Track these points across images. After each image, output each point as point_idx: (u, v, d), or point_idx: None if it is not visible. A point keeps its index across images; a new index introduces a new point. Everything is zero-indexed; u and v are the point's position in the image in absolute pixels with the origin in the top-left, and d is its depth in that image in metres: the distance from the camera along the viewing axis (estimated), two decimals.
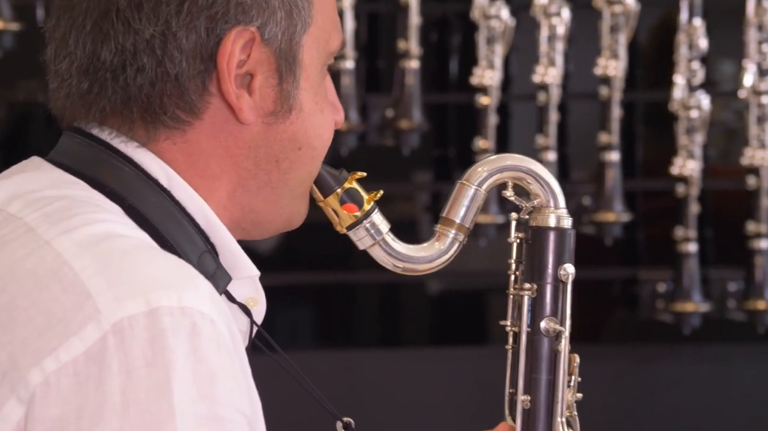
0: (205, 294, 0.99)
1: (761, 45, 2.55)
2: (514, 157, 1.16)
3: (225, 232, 1.08)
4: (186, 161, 1.07)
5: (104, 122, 1.08)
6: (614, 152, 2.55)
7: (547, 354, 1.15)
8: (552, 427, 1.14)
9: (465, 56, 2.61)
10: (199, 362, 0.97)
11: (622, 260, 2.68)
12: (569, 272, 1.15)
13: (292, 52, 1.08)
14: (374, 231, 1.14)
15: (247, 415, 1.00)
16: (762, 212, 2.56)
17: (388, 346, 2.76)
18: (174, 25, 1.05)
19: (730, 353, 2.69)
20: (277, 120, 1.08)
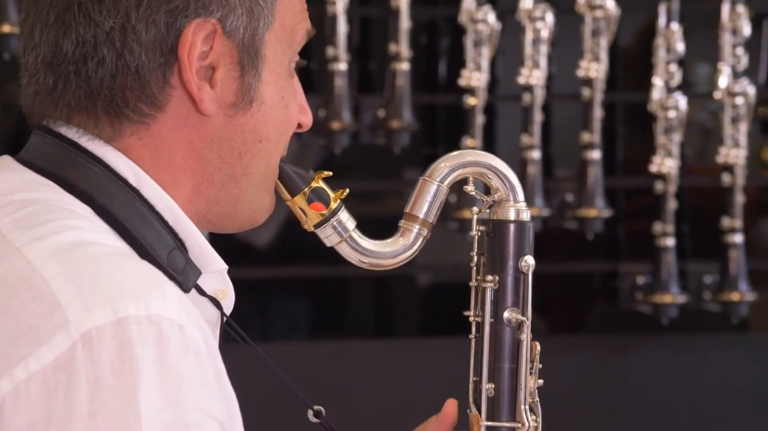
0: (173, 300, 0.98)
1: (735, 49, 2.54)
2: (474, 153, 1.15)
3: (193, 228, 1.07)
4: (152, 157, 1.05)
5: (71, 119, 1.06)
6: (596, 151, 2.54)
7: (509, 343, 1.14)
8: (515, 414, 1.13)
9: (453, 59, 2.61)
10: (166, 369, 0.95)
11: (603, 254, 2.67)
12: (530, 263, 1.13)
13: (255, 47, 1.06)
14: (341, 229, 1.13)
15: (218, 418, 0.98)
16: (736, 208, 2.55)
17: (380, 337, 2.75)
18: (133, 17, 1.03)
19: (706, 342, 2.68)
20: (238, 112, 1.07)
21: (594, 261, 2.66)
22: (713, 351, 2.68)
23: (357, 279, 2.71)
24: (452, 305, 2.79)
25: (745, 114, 2.55)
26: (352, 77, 2.55)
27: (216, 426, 0.98)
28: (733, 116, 2.55)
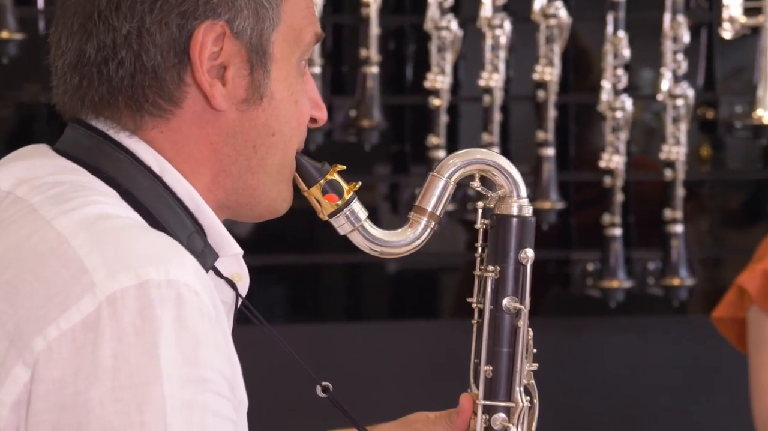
0: (190, 268, 0.98)
1: (676, 54, 2.55)
2: (481, 151, 1.13)
3: (211, 214, 1.06)
4: (173, 149, 1.05)
5: (99, 113, 1.06)
6: (550, 148, 2.54)
7: (508, 329, 1.12)
8: (511, 395, 1.12)
9: (419, 63, 2.59)
10: (184, 329, 0.95)
11: (557, 243, 2.67)
12: (529, 255, 1.12)
13: (262, 47, 1.06)
14: (353, 218, 1.12)
15: (227, 377, 0.98)
16: (677, 200, 2.56)
17: (351, 320, 2.73)
18: (148, 21, 1.03)
19: (650, 323, 2.70)
20: (249, 107, 1.06)
21: (548, 250, 2.66)
22: (656, 331, 2.69)
23: (330, 266, 2.70)
24: (418, 290, 2.79)
25: (685, 115, 2.57)
26: (326, 80, 2.54)
27: (226, 384, 0.98)
28: (674, 116, 2.56)
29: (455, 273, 2.72)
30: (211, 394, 0.96)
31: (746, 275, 1.94)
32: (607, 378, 2.67)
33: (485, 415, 1.12)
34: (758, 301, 1.91)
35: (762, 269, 1.91)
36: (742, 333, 1.98)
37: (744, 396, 2.27)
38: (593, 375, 2.66)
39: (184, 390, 0.94)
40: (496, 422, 1.11)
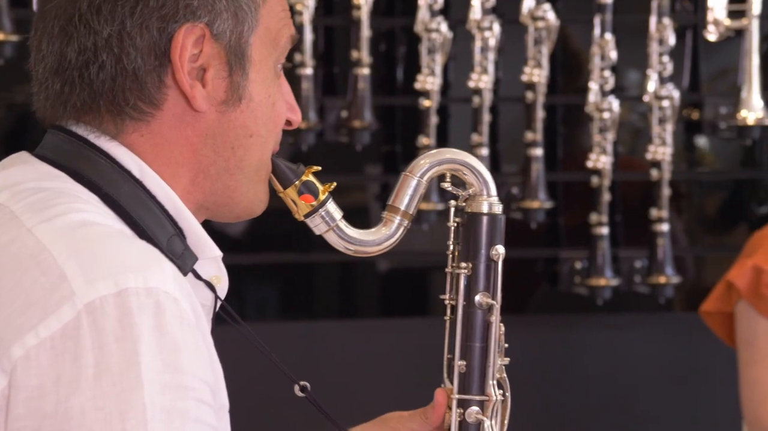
0: (169, 275, 0.97)
1: (661, 56, 2.56)
2: (452, 151, 1.14)
3: (191, 217, 1.06)
4: (153, 152, 1.05)
5: (79, 118, 1.06)
6: (538, 148, 2.54)
7: (480, 324, 1.13)
8: (484, 388, 1.12)
9: (409, 64, 2.59)
10: (164, 336, 0.95)
11: (545, 241, 2.67)
12: (500, 252, 1.13)
13: (241, 49, 1.06)
14: (329, 218, 1.12)
15: (209, 383, 0.98)
16: (663, 200, 2.56)
17: (343, 318, 2.73)
18: (128, 25, 1.03)
19: (636, 320, 2.70)
20: (228, 109, 1.06)
21: (536, 248, 2.66)
22: (642, 328, 2.69)
23: (323, 265, 2.70)
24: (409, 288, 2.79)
25: (670, 116, 2.57)
26: (318, 81, 2.53)
27: (207, 389, 0.97)
28: (660, 117, 2.56)
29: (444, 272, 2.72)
30: (192, 401, 0.96)
31: (735, 270, 1.94)
32: (595, 373, 2.67)
33: (459, 409, 1.12)
34: (747, 297, 1.91)
35: (752, 265, 1.91)
36: (728, 326, 1.98)
37: (728, 390, 2.27)
38: (581, 370, 2.67)
39: (164, 396, 0.94)
40: (470, 416, 1.12)
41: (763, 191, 2.74)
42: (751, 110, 2.55)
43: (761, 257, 1.91)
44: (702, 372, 2.66)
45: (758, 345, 1.91)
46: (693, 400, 2.67)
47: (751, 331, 1.92)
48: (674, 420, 2.67)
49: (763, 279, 1.90)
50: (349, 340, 2.61)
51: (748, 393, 1.93)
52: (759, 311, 1.90)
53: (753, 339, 1.91)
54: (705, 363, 2.65)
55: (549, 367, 2.64)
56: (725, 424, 2.38)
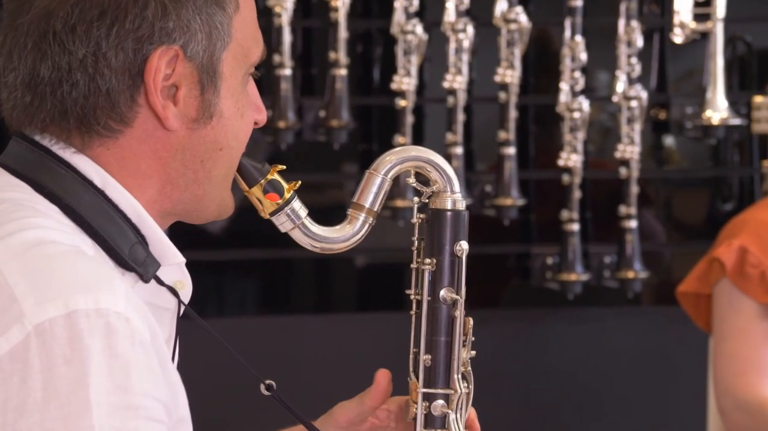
0: (121, 295, 0.95)
1: (630, 58, 2.55)
2: (416, 148, 1.12)
3: (154, 225, 1.04)
4: (118, 164, 1.03)
5: (45, 129, 1.03)
6: (511, 147, 2.53)
7: (445, 319, 1.11)
8: (449, 382, 1.11)
9: (386, 65, 2.58)
10: (114, 357, 0.93)
11: (517, 237, 2.67)
12: (464, 248, 1.11)
13: (213, 66, 1.04)
14: (294, 216, 1.10)
15: (162, 401, 0.96)
16: (631, 197, 2.56)
17: (321, 312, 2.72)
18: (104, 46, 1.01)
19: (606, 314, 2.70)
20: (199, 126, 1.04)
21: (509, 244, 2.65)
22: (612, 322, 2.69)
23: (301, 261, 2.69)
24: (385, 283, 2.78)
25: (639, 115, 2.56)
26: (296, 82, 2.52)
27: (160, 407, 0.95)
28: (628, 116, 2.56)
29: None
30: (142, 420, 0.94)
31: (722, 248, 1.93)
32: (566, 365, 2.66)
33: (425, 402, 1.11)
34: (731, 275, 1.91)
35: (738, 244, 1.91)
36: (703, 308, 1.98)
37: (694, 381, 2.27)
38: (552, 363, 2.66)
39: (113, 417, 0.92)
40: (436, 409, 1.10)
41: (728, 189, 2.74)
42: (716, 110, 2.55)
43: (747, 238, 1.91)
44: (669, 364, 2.66)
45: (738, 320, 1.91)
46: (660, 391, 2.67)
47: (732, 307, 1.91)
48: (642, 409, 2.67)
49: (748, 259, 1.90)
50: (326, 334, 2.59)
51: (723, 366, 1.92)
52: (742, 289, 1.90)
53: (733, 314, 1.91)
54: (672, 355, 2.65)
55: (521, 359, 2.63)
56: (691, 414, 2.38)
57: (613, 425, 2.67)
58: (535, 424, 2.67)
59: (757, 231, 1.93)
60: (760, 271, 1.90)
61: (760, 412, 1.88)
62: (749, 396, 1.89)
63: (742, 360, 1.90)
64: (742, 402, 1.90)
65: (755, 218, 1.96)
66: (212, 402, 1.56)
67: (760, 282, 1.90)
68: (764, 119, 2.48)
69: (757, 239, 1.91)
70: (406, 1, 2.49)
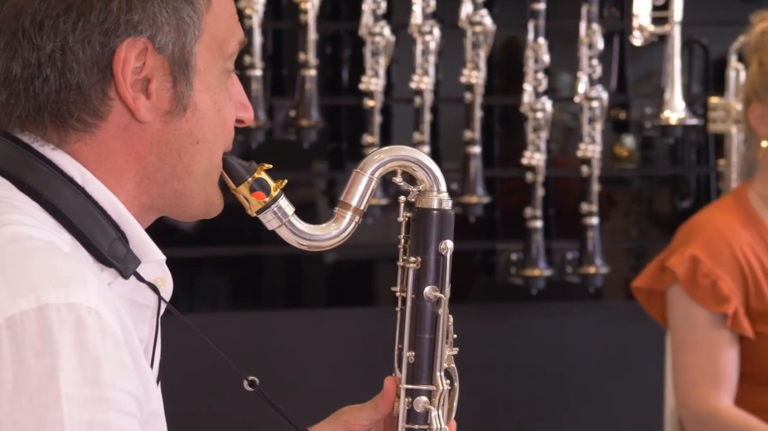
0: (93, 290, 0.94)
1: (591, 60, 2.56)
2: (403, 148, 1.10)
3: (134, 222, 1.02)
4: (96, 160, 1.02)
5: (24, 127, 1.02)
6: (476, 146, 2.53)
7: (429, 316, 1.10)
8: (432, 379, 1.10)
9: (354, 66, 2.57)
10: (85, 350, 0.91)
11: (483, 234, 2.66)
12: (448, 247, 1.10)
13: (185, 59, 1.02)
14: (281, 214, 1.08)
15: (134, 394, 0.94)
16: (593, 195, 2.56)
17: (291, 308, 2.70)
18: (71, 40, 1.00)
19: (568, 309, 2.70)
20: (173, 118, 1.02)
21: (475, 241, 2.65)
22: (574, 316, 2.69)
23: (271, 257, 2.66)
24: (354, 280, 2.76)
25: (599, 115, 2.57)
26: (267, 82, 2.50)
27: (132, 401, 0.94)
28: (590, 116, 2.56)
29: (389, 263, 2.70)
30: (113, 413, 0.92)
31: (675, 258, 1.92)
32: (530, 358, 2.66)
33: (408, 398, 1.09)
34: (684, 284, 1.90)
35: (690, 254, 1.91)
36: (657, 303, 1.98)
37: (652, 374, 2.28)
38: (517, 356, 2.66)
39: (84, 410, 0.90)
40: (418, 404, 1.09)
41: (685, 187, 2.75)
42: (674, 111, 2.56)
43: (699, 247, 1.91)
44: (628, 357, 2.67)
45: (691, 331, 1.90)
46: (620, 383, 2.68)
47: (685, 317, 1.91)
48: (602, 400, 2.68)
49: (700, 269, 1.90)
50: (296, 330, 2.57)
51: (679, 377, 1.92)
52: (694, 299, 1.90)
53: (686, 325, 1.91)
54: (631, 348, 2.66)
55: (486, 353, 2.63)
56: (649, 404, 2.38)
57: (575, 415, 2.68)
58: (500, 415, 2.67)
59: (710, 239, 1.92)
60: (711, 281, 1.89)
61: (713, 421, 1.89)
62: (702, 408, 1.89)
63: (697, 371, 1.90)
64: (695, 413, 1.90)
65: (710, 224, 1.95)
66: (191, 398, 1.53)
67: (712, 292, 1.89)
68: (720, 119, 2.50)
69: (709, 247, 1.91)
70: (374, 4, 2.48)
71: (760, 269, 1.91)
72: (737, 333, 1.91)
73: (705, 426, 1.90)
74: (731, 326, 1.89)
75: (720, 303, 1.89)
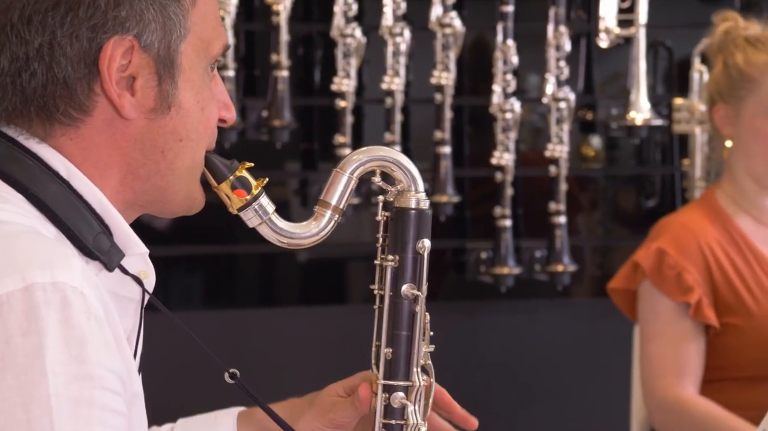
0: (77, 271, 0.95)
1: (558, 62, 2.58)
2: (381, 149, 1.11)
3: (118, 216, 1.03)
4: (81, 155, 1.02)
5: (10, 121, 1.03)
6: (446, 147, 2.54)
7: (406, 314, 1.11)
8: (409, 375, 1.11)
9: (326, 67, 2.57)
10: (70, 329, 0.92)
11: (453, 233, 2.67)
12: (426, 245, 1.11)
13: (170, 58, 1.03)
14: (262, 212, 1.09)
15: (118, 373, 0.95)
16: (560, 194, 2.58)
17: (265, 306, 2.70)
18: (59, 35, 1.00)
19: (537, 306, 2.72)
20: (158, 116, 1.03)
21: (445, 239, 2.66)
22: (542, 313, 2.71)
23: (245, 256, 2.66)
24: (327, 278, 2.77)
25: (567, 116, 2.59)
26: (240, 82, 2.50)
27: (116, 379, 0.95)
28: (557, 117, 2.58)
29: (362, 262, 2.71)
30: (98, 390, 0.93)
31: (642, 252, 1.95)
32: (499, 355, 2.68)
33: (385, 394, 1.10)
34: (650, 277, 1.93)
35: (656, 247, 1.94)
36: (632, 303, 2.00)
37: (619, 370, 2.30)
38: (486, 353, 2.67)
39: (70, 386, 0.91)
40: (395, 400, 1.10)
41: (651, 186, 2.78)
42: (639, 112, 2.59)
43: (665, 241, 1.94)
44: (596, 354, 2.69)
45: (658, 322, 1.93)
46: (587, 379, 2.70)
47: (652, 309, 1.94)
48: (570, 396, 2.70)
49: (666, 261, 1.92)
50: (270, 328, 2.57)
51: (646, 368, 1.94)
52: (661, 290, 1.92)
53: (653, 317, 1.93)
54: (599, 345, 2.68)
55: (456, 350, 2.64)
56: (616, 400, 2.41)
57: (543, 411, 2.70)
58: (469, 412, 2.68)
59: (676, 234, 1.95)
60: (677, 272, 1.92)
61: (679, 411, 1.91)
62: (668, 397, 1.91)
63: (662, 361, 1.92)
64: (662, 402, 1.92)
65: (677, 221, 1.99)
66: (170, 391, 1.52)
67: (676, 282, 1.92)
68: (684, 120, 2.53)
69: (675, 241, 1.94)
70: (346, 6, 2.48)
71: (729, 264, 1.94)
72: (702, 323, 1.93)
73: (671, 416, 1.92)
74: (694, 314, 1.91)
75: (684, 293, 1.91)
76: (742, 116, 1.95)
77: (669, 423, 1.93)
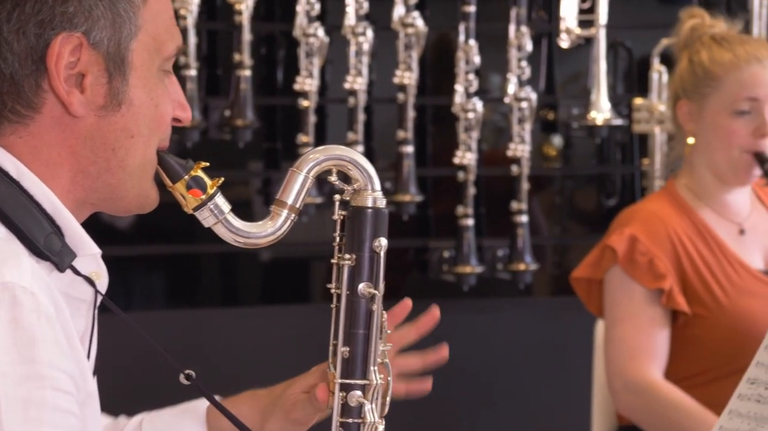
0: (27, 271, 0.94)
1: (520, 62, 2.59)
2: (338, 148, 1.11)
3: (70, 216, 1.02)
4: (31, 154, 1.01)
5: None
6: (409, 146, 2.54)
7: (363, 312, 1.10)
8: (366, 373, 1.10)
9: (289, 67, 2.56)
10: (20, 329, 0.91)
11: (416, 232, 2.67)
12: (383, 244, 1.11)
13: (121, 55, 1.02)
14: (217, 212, 1.08)
15: (69, 373, 0.94)
16: (522, 193, 2.59)
17: (227, 305, 2.68)
18: (5, 30, 0.99)
19: (499, 304, 2.73)
20: (108, 113, 1.02)
21: (408, 238, 2.66)
22: (504, 311, 2.72)
23: (207, 255, 2.64)
24: (289, 277, 2.76)
25: (529, 116, 2.60)
26: (202, 82, 2.48)
27: (67, 379, 0.94)
28: (519, 117, 2.59)
29: (324, 261, 2.70)
30: (49, 390, 0.92)
31: (614, 237, 1.95)
32: (462, 353, 2.68)
33: (342, 393, 1.10)
34: (622, 263, 1.93)
35: (629, 233, 1.94)
36: (594, 294, 2.00)
37: (580, 366, 2.31)
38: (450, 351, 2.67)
39: (20, 386, 0.90)
40: (352, 399, 1.10)
41: (611, 185, 2.80)
42: (600, 112, 2.60)
43: (637, 228, 1.94)
44: (557, 351, 2.71)
45: (628, 305, 1.93)
46: (549, 376, 2.71)
47: (622, 293, 1.93)
48: (532, 393, 2.71)
49: (638, 247, 1.93)
50: (232, 327, 2.56)
51: (615, 350, 1.94)
52: (631, 276, 1.93)
53: (625, 300, 1.93)
54: (560, 342, 2.69)
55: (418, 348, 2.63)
56: (577, 397, 2.42)
57: (506, 408, 2.71)
58: (432, 410, 2.69)
59: (647, 221, 1.96)
60: (648, 259, 1.93)
61: (648, 393, 1.92)
62: (638, 378, 1.92)
63: (632, 344, 1.93)
64: (632, 384, 1.93)
65: (645, 209, 2.00)
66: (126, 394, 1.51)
67: (648, 269, 1.93)
68: (644, 119, 2.54)
69: (646, 228, 1.95)
70: (308, 6, 2.47)
71: (697, 254, 1.95)
72: (669, 312, 1.94)
73: (640, 398, 1.92)
74: (666, 302, 1.92)
75: (656, 280, 1.92)
76: (705, 113, 1.96)
77: (635, 406, 1.93)
